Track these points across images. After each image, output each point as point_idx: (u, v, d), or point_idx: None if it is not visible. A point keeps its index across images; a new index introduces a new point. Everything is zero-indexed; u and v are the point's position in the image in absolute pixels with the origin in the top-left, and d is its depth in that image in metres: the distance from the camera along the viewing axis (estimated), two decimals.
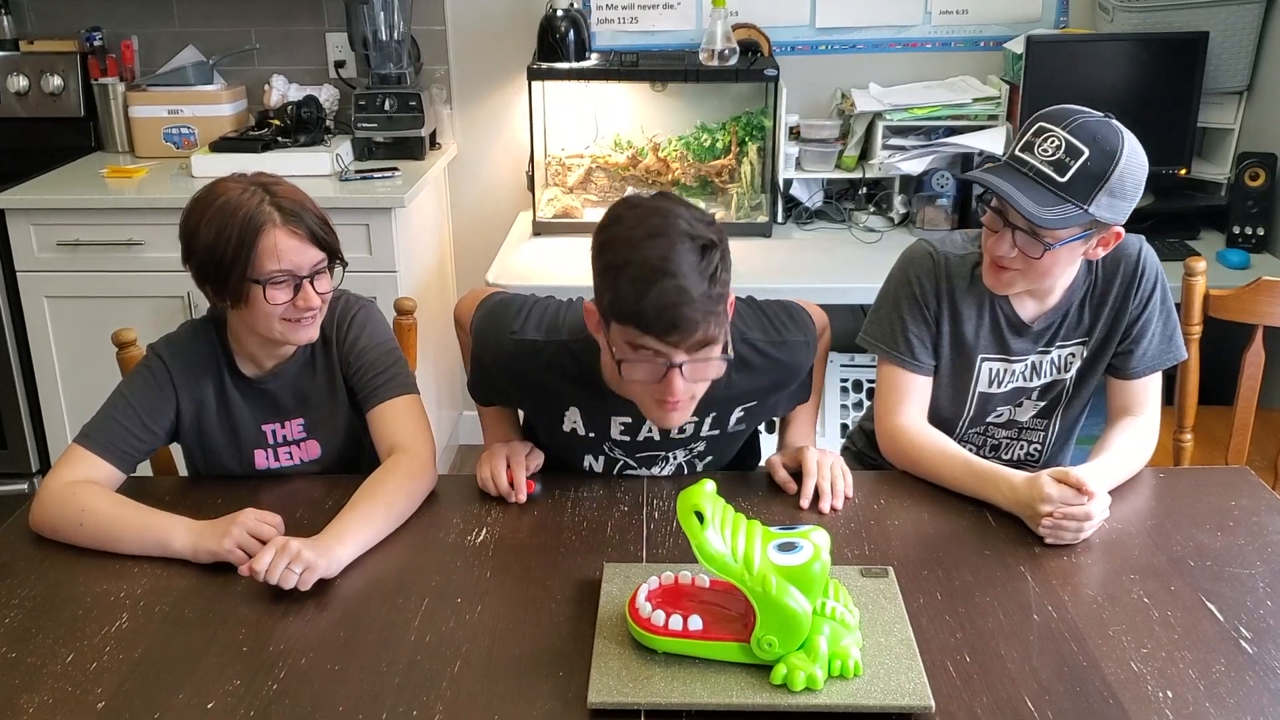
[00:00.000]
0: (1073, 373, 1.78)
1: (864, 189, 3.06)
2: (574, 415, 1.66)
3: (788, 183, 3.00)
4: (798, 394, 1.77)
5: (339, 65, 3.22)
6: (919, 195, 2.90)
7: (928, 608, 1.35)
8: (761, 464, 1.83)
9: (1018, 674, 1.23)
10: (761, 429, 1.87)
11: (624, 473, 1.73)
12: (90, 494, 1.52)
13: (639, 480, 1.68)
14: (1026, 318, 1.73)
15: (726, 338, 1.44)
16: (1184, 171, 2.85)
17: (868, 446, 1.99)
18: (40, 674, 1.25)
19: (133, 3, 3.20)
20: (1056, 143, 1.54)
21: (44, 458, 3.00)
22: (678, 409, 1.46)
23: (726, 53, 2.82)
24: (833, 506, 1.59)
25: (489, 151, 3.30)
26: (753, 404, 1.68)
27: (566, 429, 1.67)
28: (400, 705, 1.19)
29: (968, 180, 1.61)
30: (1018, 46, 2.89)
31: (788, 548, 1.21)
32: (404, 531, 1.54)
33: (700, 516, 1.19)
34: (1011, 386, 1.78)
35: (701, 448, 1.72)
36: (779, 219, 2.98)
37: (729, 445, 1.77)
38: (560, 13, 2.89)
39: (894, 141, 2.92)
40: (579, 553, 1.48)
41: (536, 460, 1.67)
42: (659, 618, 1.23)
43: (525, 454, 1.66)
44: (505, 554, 1.49)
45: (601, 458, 1.71)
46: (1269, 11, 2.80)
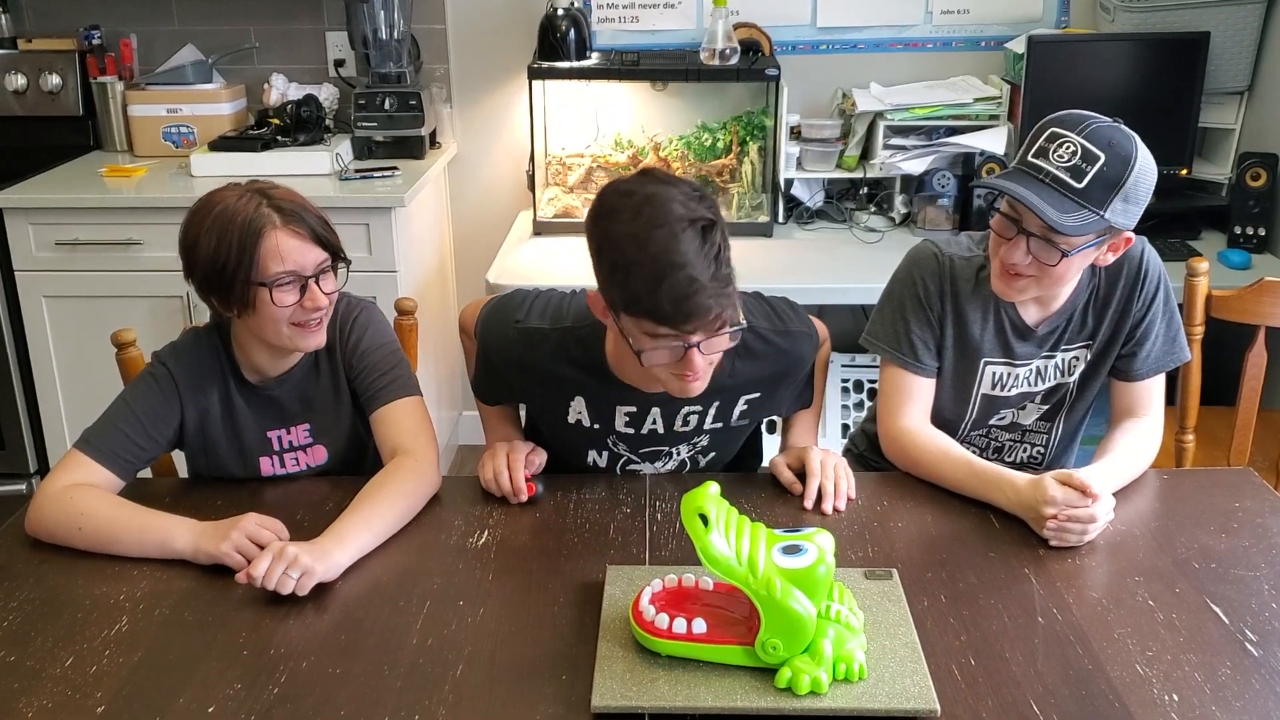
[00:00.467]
0: (1076, 376, 1.78)
1: (865, 189, 3.06)
2: (579, 405, 1.66)
3: (789, 182, 3.00)
4: (800, 395, 1.77)
5: (339, 64, 3.21)
6: (920, 195, 2.89)
7: (932, 610, 1.34)
8: (764, 465, 1.83)
9: (1023, 677, 1.22)
10: (763, 429, 1.87)
11: (627, 468, 1.72)
12: (89, 497, 1.51)
13: (642, 481, 1.68)
14: (1031, 322, 1.72)
15: (737, 309, 1.46)
16: (1185, 172, 2.85)
17: (869, 450, 1.99)
18: (39, 678, 1.24)
19: (131, 1, 3.19)
20: (1072, 148, 1.53)
21: (42, 458, 2.99)
22: (698, 379, 1.49)
23: (727, 52, 2.82)
24: (835, 507, 1.58)
25: (489, 151, 3.29)
26: (756, 395, 1.68)
27: (571, 420, 1.67)
28: (402, 709, 1.18)
29: (978, 186, 1.60)
30: (1019, 46, 2.89)
31: (792, 550, 1.21)
32: (405, 534, 1.53)
33: (704, 519, 1.19)
34: (1016, 391, 1.77)
35: (705, 442, 1.72)
36: (780, 219, 2.97)
37: (732, 440, 1.77)
38: (561, 11, 2.88)
39: (895, 141, 2.91)
40: (581, 555, 1.48)
41: (539, 459, 1.67)
42: (663, 621, 1.22)
43: (527, 453, 1.66)
44: (507, 556, 1.48)
45: (605, 453, 1.71)
46: (1270, 11, 2.79)
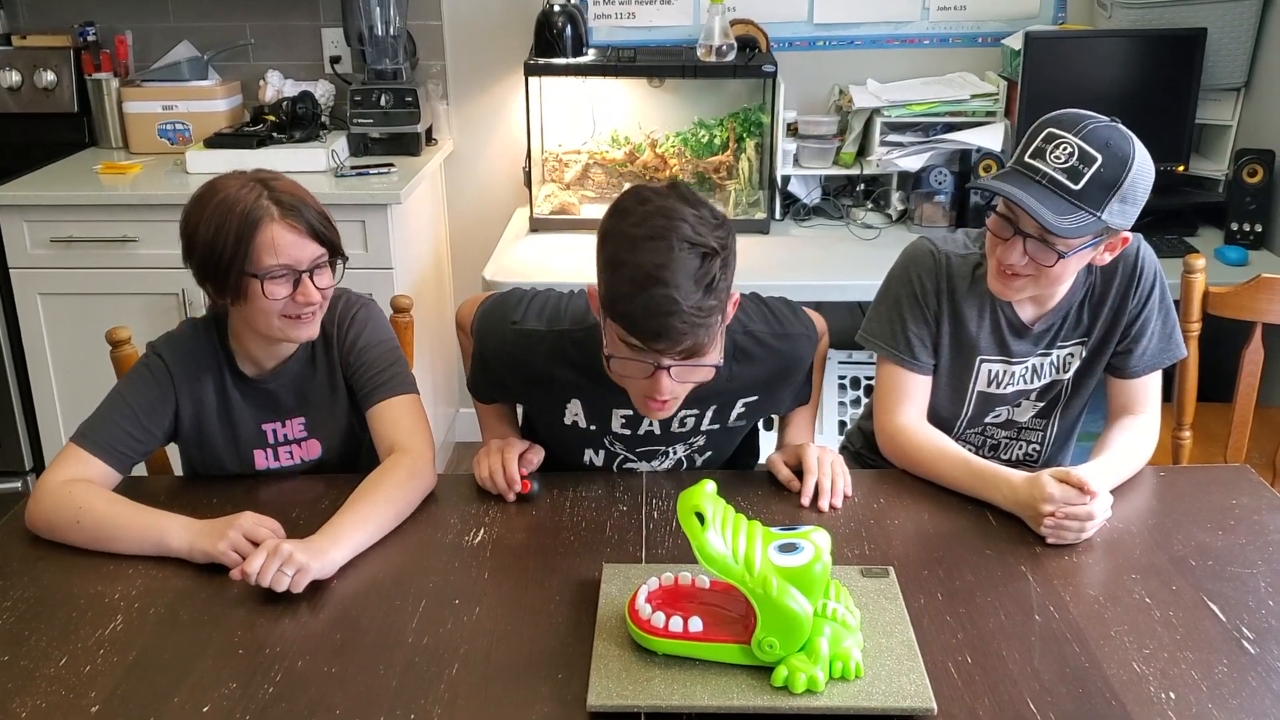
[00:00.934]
0: (1071, 373, 1.77)
1: (862, 185, 3.05)
2: (575, 407, 1.65)
3: (785, 179, 2.99)
4: (799, 393, 1.77)
5: (334, 61, 3.20)
6: (917, 192, 2.89)
7: (929, 608, 1.34)
8: (761, 462, 1.82)
9: (1020, 675, 1.22)
10: (760, 427, 1.86)
11: (624, 466, 1.72)
12: (87, 492, 1.51)
13: (638, 479, 1.67)
14: (1027, 319, 1.72)
15: (721, 344, 1.44)
16: (1182, 168, 2.85)
17: (865, 447, 1.99)
18: (33, 677, 1.23)
19: None
20: (1069, 149, 1.52)
21: (38, 456, 2.98)
22: (663, 408, 1.48)
23: (724, 48, 2.81)
24: (832, 505, 1.58)
25: (485, 148, 3.29)
26: (754, 398, 1.67)
27: (568, 421, 1.67)
28: (397, 708, 1.18)
29: (975, 187, 1.59)
30: (1016, 43, 2.89)
31: (788, 549, 1.21)
32: (401, 532, 1.53)
33: (701, 517, 1.18)
34: (1012, 389, 1.77)
35: (702, 442, 1.71)
36: (777, 215, 2.97)
37: (729, 440, 1.77)
38: (557, 8, 2.88)
39: (892, 138, 2.91)
40: (578, 553, 1.47)
41: (536, 458, 1.66)
42: (659, 619, 1.22)
43: (523, 450, 1.65)
44: (503, 555, 1.48)
45: (602, 452, 1.71)
46: (1267, 8, 2.79)
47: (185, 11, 3.19)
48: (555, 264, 2.69)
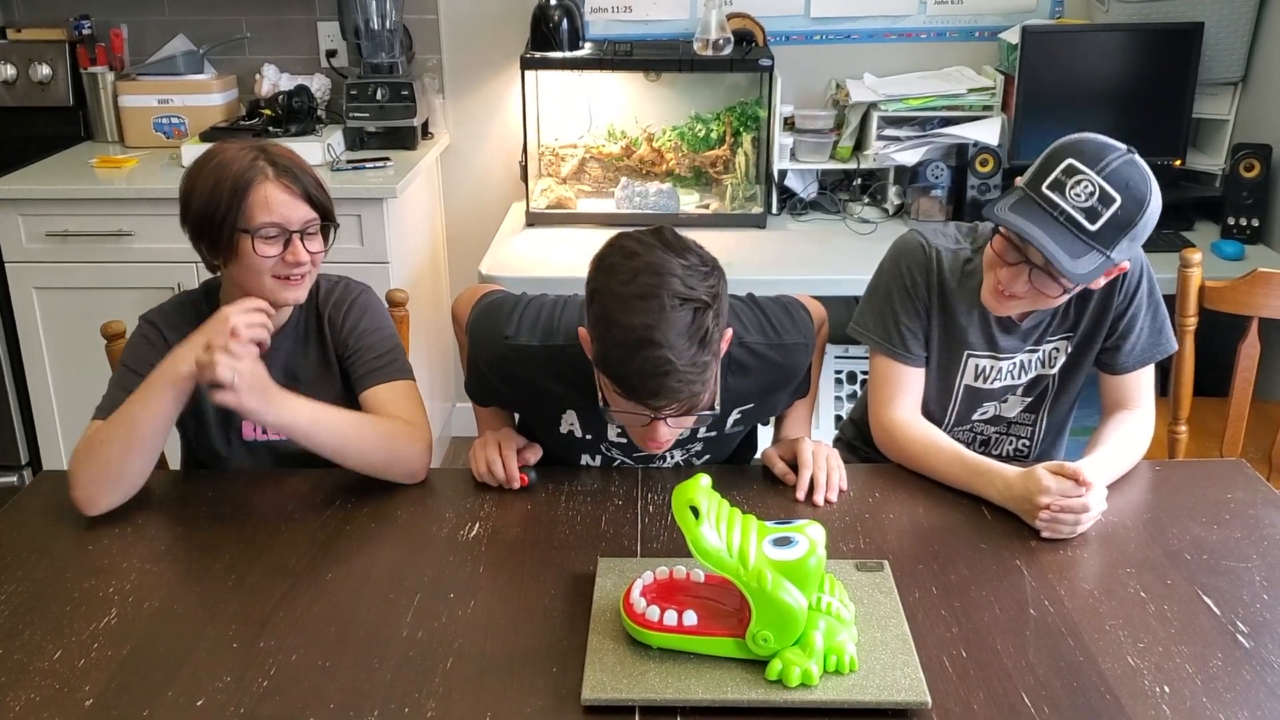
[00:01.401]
0: (1057, 368, 1.77)
1: (858, 180, 3.05)
2: (571, 418, 1.64)
3: (782, 173, 2.99)
4: (797, 391, 1.76)
5: (330, 54, 3.19)
6: (914, 186, 2.89)
7: (923, 602, 1.34)
8: (757, 457, 1.82)
9: (1014, 669, 1.22)
10: (757, 424, 1.86)
11: (620, 467, 1.72)
12: (94, 427, 1.56)
13: (633, 473, 1.67)
14: (1016, 317, 1.72)
15: (713, 390, 1.44)
16: (1179, 162, 2.85)
17: (856, 437, 1.98)
18: (27, 671, 1.23)
19: None
20: (1090, 189, 1.49)
21: (33, 450, 2.98)
22: (662, 448, 1.49)
23: (721, 42, 2.81)
24: (827, 499, 1.58)
25: (482, 142, 3.28)
26: (749, 406, 1.66)
27: (563, 430, 1.66)
28: (392, 702, 1.18)
29: (992, 219, 1.58)
30: (1013, 37, 2.88)
31: (783, 542, 1.20)
32: (396, 526, 1.53)
33: (695, 511, 1.18)
34: (999, 384, 1.77)
35: (699, 448, 1.71)
36: (773, 210, 2.97)
37: (726, 445, 1.76)
38: (554, 2, 2.87)
39: (889, 132, 2.91)
40: (573, 547, 1.47)
41: (534, 455, 1.65)
42: (654, 613, 1.22)
43: (520, 446, 1.64)
44: (498, 548, 1.47)
45: (599, 457, 1.71)
46: (1264, 2, 2.79)
47: (181, 5, 3.19)
48: (551, 258, 2.68)
